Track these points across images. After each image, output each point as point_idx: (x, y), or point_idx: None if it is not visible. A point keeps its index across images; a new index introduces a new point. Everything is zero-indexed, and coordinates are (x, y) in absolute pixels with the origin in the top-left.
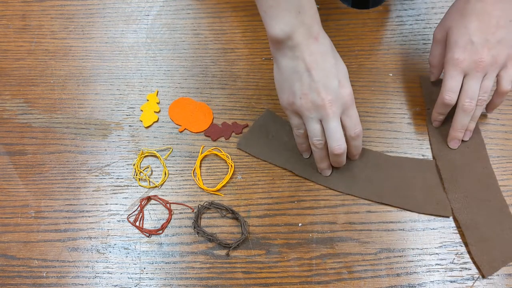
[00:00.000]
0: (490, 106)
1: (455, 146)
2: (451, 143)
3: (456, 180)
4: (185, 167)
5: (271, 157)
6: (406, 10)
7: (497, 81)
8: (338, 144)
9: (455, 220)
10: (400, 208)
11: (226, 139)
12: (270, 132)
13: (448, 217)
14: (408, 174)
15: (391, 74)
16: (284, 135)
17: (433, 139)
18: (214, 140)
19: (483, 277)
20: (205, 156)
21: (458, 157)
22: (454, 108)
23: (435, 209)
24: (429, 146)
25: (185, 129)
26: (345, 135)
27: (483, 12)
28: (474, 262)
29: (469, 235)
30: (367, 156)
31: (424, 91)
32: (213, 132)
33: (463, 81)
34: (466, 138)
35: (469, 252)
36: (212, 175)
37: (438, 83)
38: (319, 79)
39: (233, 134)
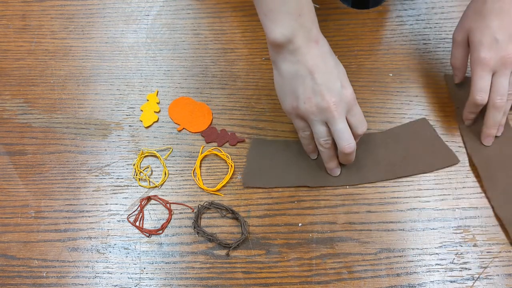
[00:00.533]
0: None
1: (489, 143)
2: (486, 140)
3: (495, 177)
4: (185, 167)
5: (281, 181)
6: (406, 10)
7: None
8: (348, 144)
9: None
10: (415, 174)
11: (218, 146)
12: (267, 159)
13: (456, 163)
14: (408, 140)
15: (391, 74)
16: (281, 155)
17: (466, 138)
18: (207, 143)
19: None
20: (205, 156)
21: (493, 154)
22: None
23: (443, 162)
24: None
25: (183, 128)
26: (352, 133)
27: (502, 11)
28: None
29: None
30: (365, 141)
31: (450, 90)
32: (209, 135)
33: (492, 79)
34: (499, 134)
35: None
36: (212, 175)
37: (464, 81)
38: (322, 82)
39: (227, 144)
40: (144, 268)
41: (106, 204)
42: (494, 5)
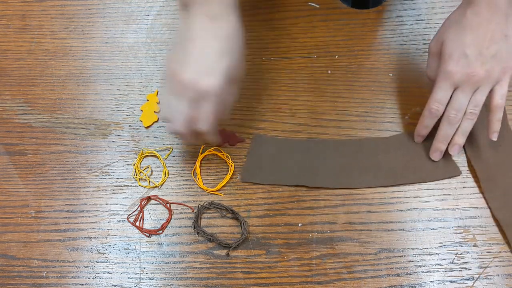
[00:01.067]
0: (489, 129)
1: (436, 158)
2: (433, 155)
3: (493, 179)
4: (185, 167)
5: (279, 179)
6: (406, 10)
7: (490, 96)
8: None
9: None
10: (415, 183)
11: (218, 146)
12: (267, 155)
13: (458, 175)
14: (411, 147)
15: (391, 74)
16: (282, 152)
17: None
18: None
19: None
20: (205, 156)
21: (492, 156)
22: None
23: (445, 173)
24: None
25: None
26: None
27: (478, 25)
28: None
29: (511, 234)
30: (367, 146)
31: None
32: None
33: (452, 93)
34: (453, 153)
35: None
36: (212, 175)
37: None
38: (191, 55)
39: (227, 144)
40: (144, 268)
41: (106, 204)
42: (472, 19)
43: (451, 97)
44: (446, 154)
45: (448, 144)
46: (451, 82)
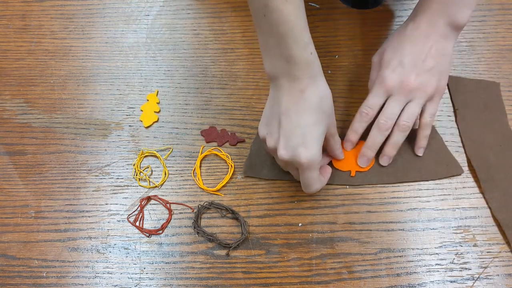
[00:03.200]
0: (416, 144)
1: (363, 164)
2: (360, 160)
3: (493, 179)
4: (185, 167)
5: (281, 175)
6: (406, 10)
7: (420, 113)
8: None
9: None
10: (417, 181)
11: (218, 145)
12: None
13: (460, 174)
14: (413, 145)
15: None
16: None
17: (465, 139)
18: (207, 142)
19: None
20: (205, 156)
21: (492, 156)
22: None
23: (447, 171)
24: None
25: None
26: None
27: (416, 39)
28: None
29: (511, 234)
30: None
31: (452, 92)
32: (209, 135)
33: (386, 101)
34: (384, 163)
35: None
36: (212, 175)
37: (465, 83)
38: (285, 130)
39: (227, 143)
40: (144, 268)
41: (106, 204)
42: (412, 32)
43: (384, 104)
44: (449, 152)
45: (380, 155)
46: (385, 88)
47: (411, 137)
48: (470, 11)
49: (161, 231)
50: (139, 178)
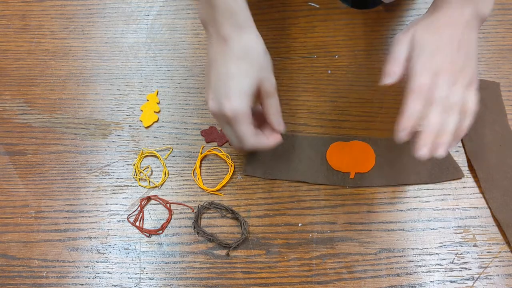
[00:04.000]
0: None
1: (425, 154)
2: (420, 150)
3: (493, 179)
4: (185, 167)
5: (281, 175)
6: (406, 10)
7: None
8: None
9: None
10: (417, 184)
11: (218, 145)
12: (270, 150)
13: (460, 178)
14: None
15: None
16: (284, 148)
17: (465, 139)
18: (207, 142)
19: None
20: (205, 156)
21: (492, 156)
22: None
23: (447, 175)
24: None
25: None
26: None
27: (446, 25)
28: None
29: (511, 234)
30: (372, 145)
31: None
32: (209, 135)
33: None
34: (441, 153)
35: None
36: (212, 175)
37: None
38: (212, 80)
39: (227, 143)
40: (144, 268)
41: (106, 204)
42: (440, 18)
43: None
44: (450, 156)
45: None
46: (432, 69)
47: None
48: (492, 2)
49: (161, 231)
50: (139, 178)
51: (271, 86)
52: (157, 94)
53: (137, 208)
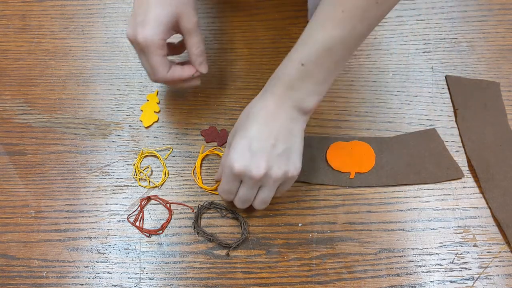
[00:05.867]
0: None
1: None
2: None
3: (493, 179)
4: (185, 167)
5: None
6: (406, 10)
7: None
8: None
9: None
10: (416, 184)
11: (218, 145)
12: None
13: (460, 178)
14: (414, 148)
15: (391, 74)
16: None
17: (465, 139)
18: (207, 142)
19: None
20: (205, 156)
21: (492, 156)
22: None
23: (447, 175)
24: None
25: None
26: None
27: (266, 118)
28: None
29: (510, 234)
30: (373, 145)
31: (452, 92)
32: (209, 134)
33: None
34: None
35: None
36: (212, 175)
37: (465, 83)
38: (135, 9)
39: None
40: (144, 268)
41: (106, 204)
42: (259, 112)
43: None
44: (450, 156)
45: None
46: (235, 174)
47: (409, 140)
48: (318, 97)
49: (161, 231)
50: (139, 178)
51: (190, 22)
52: (157, 94)
53: (137, 208)
